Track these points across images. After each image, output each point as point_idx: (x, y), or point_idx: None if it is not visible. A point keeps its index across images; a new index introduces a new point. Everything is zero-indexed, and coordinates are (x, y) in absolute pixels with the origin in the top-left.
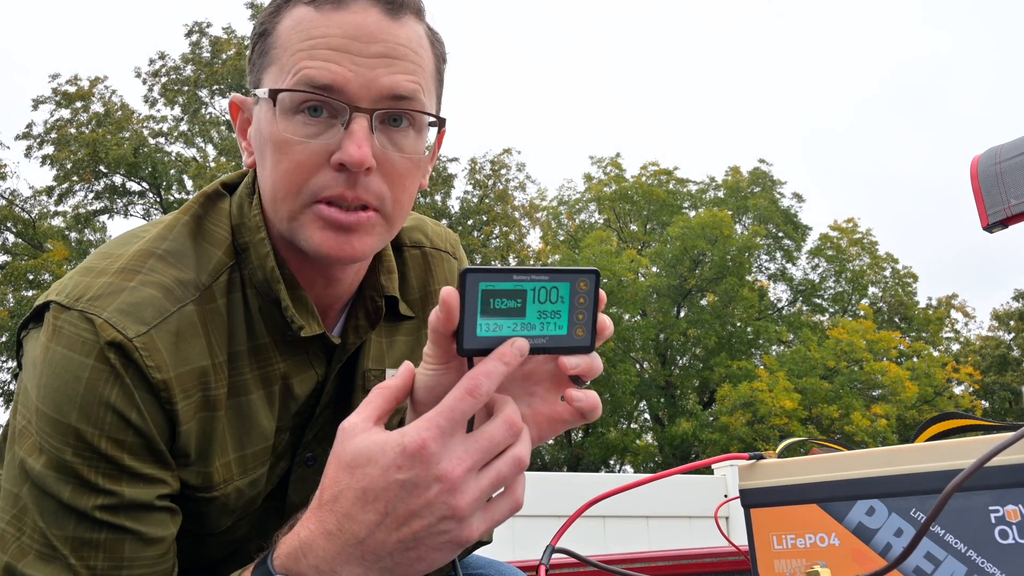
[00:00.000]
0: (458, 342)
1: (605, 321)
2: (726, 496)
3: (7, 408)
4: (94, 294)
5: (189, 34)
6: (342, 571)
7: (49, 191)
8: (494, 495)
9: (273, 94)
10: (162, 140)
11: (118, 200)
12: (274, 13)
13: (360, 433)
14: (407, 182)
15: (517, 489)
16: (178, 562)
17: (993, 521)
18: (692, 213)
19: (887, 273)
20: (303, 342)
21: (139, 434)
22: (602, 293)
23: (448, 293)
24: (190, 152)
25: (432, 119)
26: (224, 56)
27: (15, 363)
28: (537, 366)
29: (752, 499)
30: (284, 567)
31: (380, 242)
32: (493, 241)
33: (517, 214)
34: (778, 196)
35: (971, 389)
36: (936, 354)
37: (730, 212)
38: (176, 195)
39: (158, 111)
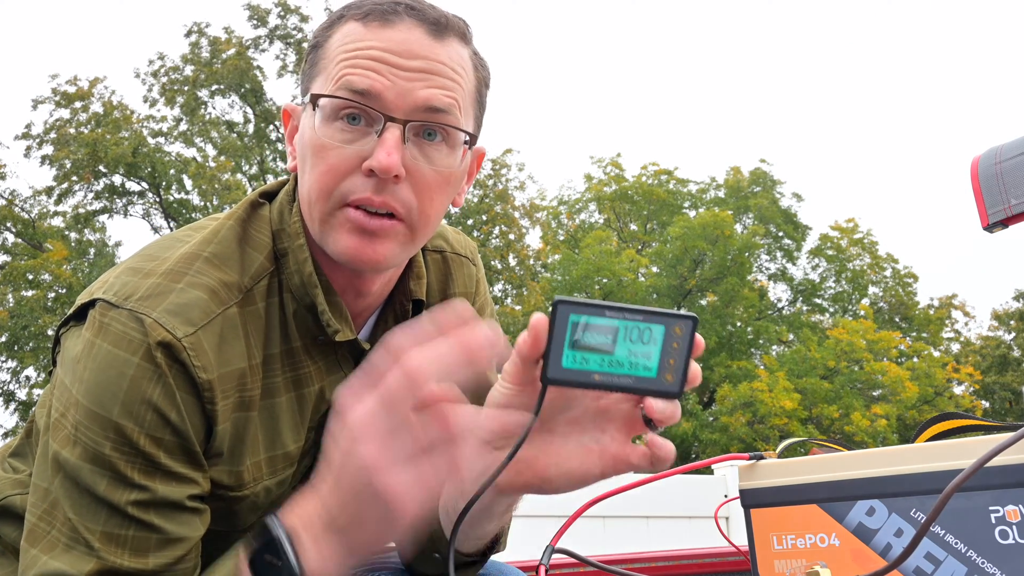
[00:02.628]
0: (543, 370)
1: (696, 369)
2: (726, 496)
3: (6, 408)
4: (143, 294)
5: (188, 35)
6: (316, 534)
7: (48, 191)
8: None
9: (314, 99)
10: (161, 140)
11: (117, 200)
12: (327, 28)
13: None
14: (435, 195)
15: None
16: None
17: (993, 521)
18: (692, 213)
19: (887, 273)
20: (333, 345)
21: (176, 434)
22: (699, 339)
23: (537, 320)
24: (190, 152)
25: (465, 135)
26: (224, 56)
27: (51, 360)
28: (614, 403)
29: (752, 499)
30: (289, 523)
31: (402, 251)
32: (493, 240)
33: (517, 214)
34: (778, 196)
35: (971, 389)
36: (936, 354)
37: (730, 212)
38: (176, 195)
39: (157, 111)
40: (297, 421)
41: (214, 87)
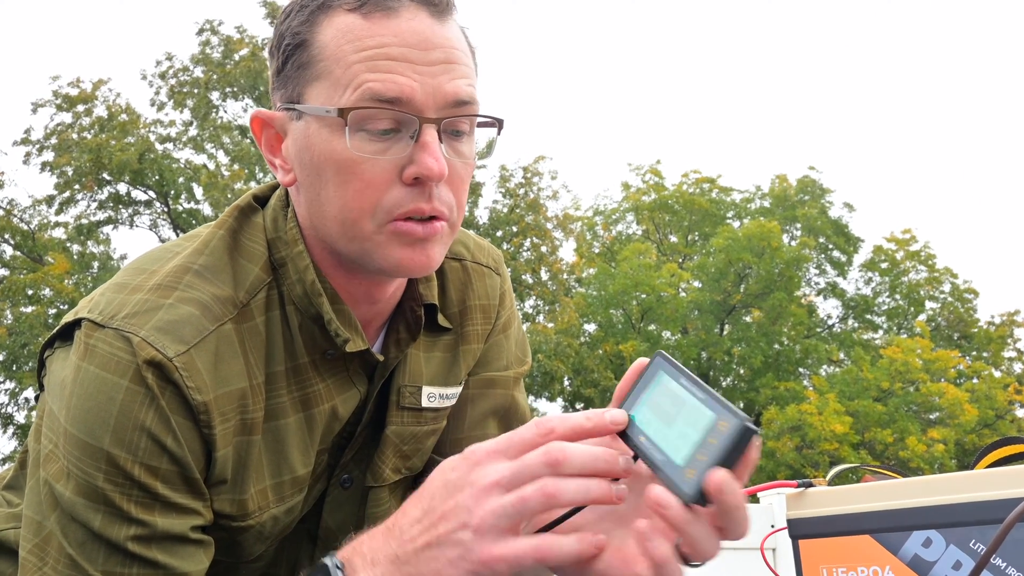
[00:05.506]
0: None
1: (720, 481)
2: (773, 527)
3: (4, 431)
4: (130, 311)
5: (199, 33)
6: (377, 566)
7: (49, 200)
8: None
9: (343, 113)
10: (170, 146)
11: (123, 210)
12: (308, 22)
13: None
14: (466, 187)
15: (553, 540)
16: None
17: None
18: (737, 224)
19: (945, 288)
20: (344, 360)
21: (174, 461)
22: (750, 451)
23: (638, 362)
24: (200, 159)
25: (494, 121)
26: (236, 57)
27: (37, 384)
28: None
29: (801, 530)
30: (344, 555)
31: (446, 250)
32: (524, 253)
33: (550, 225)
34: (828, 205)
35: None
36: (998, 375)
37: (777, 223)
38: (185, 204)
39: (165, 115)
40: (307, 443)
41: (226, 89)
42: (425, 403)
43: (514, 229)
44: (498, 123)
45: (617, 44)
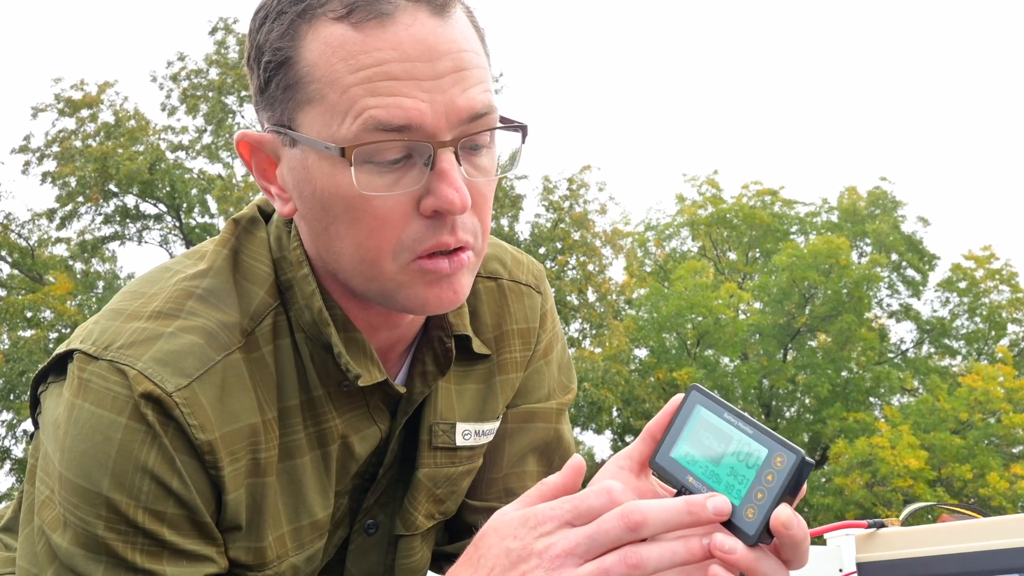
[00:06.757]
0: (653, 452)
1: (786, 519)
2: (841, 571)
3: (1, 467)
4: (126, 341)
5: (213, 32)
6: None
7: (50, 214)
8: None
9: (346, 152)
10: (182, 154)
11: (131, 224)
12: (289, 35)
13: (507, 510)
14: (489, 205)
15: None
16: None
17: None
18: (801, 240)
19: None
20: (362, 393)
21: (181, 504)
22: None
23: (675, 399)
24: (215, 168)
25: (519, 128)
26: None
27: (31, 422)
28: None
29: (872, 574)
30: None
31: (473, 277)
32: (569, 272)
33: (597, 241)
34: (901, 220)
35: None
36: None
37: (846, 238)
38: (198, 218)
39: (177, 121)
40: (325, 484)
41: (243, 93)
42: (460, 442)
43: (558, 246)
44: (521, 129)
45: (671, 46)
